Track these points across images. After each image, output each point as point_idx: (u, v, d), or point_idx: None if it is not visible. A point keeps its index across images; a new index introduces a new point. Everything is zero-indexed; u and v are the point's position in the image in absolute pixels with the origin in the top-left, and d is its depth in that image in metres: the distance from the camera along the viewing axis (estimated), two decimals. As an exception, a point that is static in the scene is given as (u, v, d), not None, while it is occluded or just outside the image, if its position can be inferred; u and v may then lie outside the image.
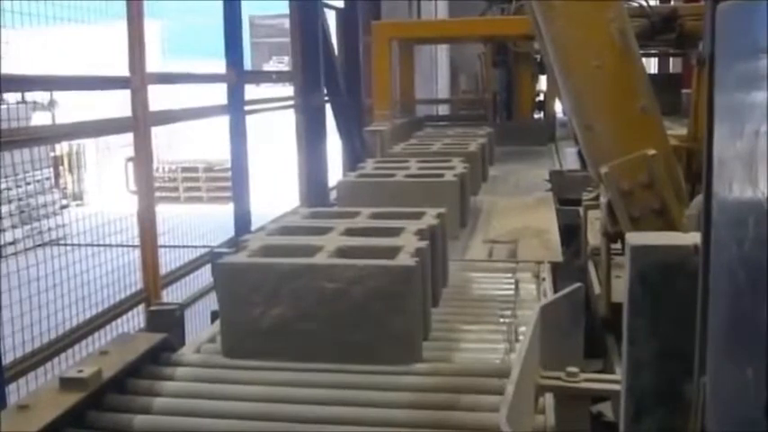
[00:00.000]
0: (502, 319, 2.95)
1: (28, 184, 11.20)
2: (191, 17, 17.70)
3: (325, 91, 7.65)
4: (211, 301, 4.53)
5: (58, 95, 11.91)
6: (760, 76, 0.74)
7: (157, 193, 6.24)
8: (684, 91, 9.09)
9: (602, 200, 3.16)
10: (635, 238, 1.31)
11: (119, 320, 4.59)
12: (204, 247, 6.31)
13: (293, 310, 2.51)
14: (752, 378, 0.76)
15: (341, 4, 9.19)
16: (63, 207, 12.83)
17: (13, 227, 9.73)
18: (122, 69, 4.67)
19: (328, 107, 7.89)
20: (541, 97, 11.79)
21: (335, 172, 7.66)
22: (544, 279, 3.43)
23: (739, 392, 0.81)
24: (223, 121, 6.21)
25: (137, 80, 4.59)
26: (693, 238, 1.20)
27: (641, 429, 1.28)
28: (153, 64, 5.59)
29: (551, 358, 2.23)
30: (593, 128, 3.02)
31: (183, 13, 18.28)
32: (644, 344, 1.27)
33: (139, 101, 4.61)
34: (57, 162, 13.71)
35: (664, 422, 1.27)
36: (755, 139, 0.76)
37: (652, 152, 2.89)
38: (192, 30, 17.59)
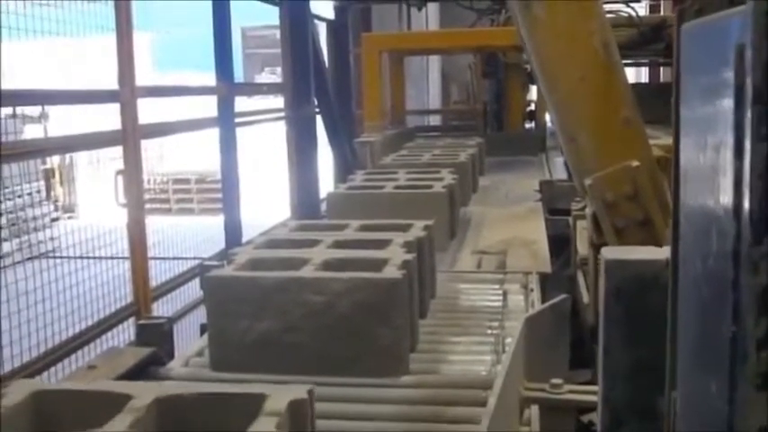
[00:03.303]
0: (489, 331, 2.96)
1: (19, 196, 11.18)
2: (182, 30, 17.72)
3: (316, 102, 7.66)
4: (202, 314, 4.52)
5: (52, 108, 11.89)
6: (719, 93, 0.75)
7: (148, 205, 6.24)
8: (674, 100, 9.13)
9: (588, 211, 3.18)
10: (610, 251, 1.32)
11: (109, 334, 4.58)
12: (195, 259, 6.30)
13: (280, 322, 2.52)
14: (716, 393, 0.77)
15: (331, 16, 9.21)
16: (54, 220, 12.81)
17: (4, 240, 9.71)
18: (112, 83, 4.67)
19: (319, 119, 7.90)
20: (532, 107, 11.82)
21: (326, 183, 7.67)
22: (532, 290, 3.44)
23: (706, 407, 0.82)
24: (216, 133, 6.22)
25: (126, 93, 4.59)
26: (668, 252, 1.21)
27: (618, 441, 1.29)
28: (143, 77, 5.59)
29: (538, 369, 2.25)
30: (576, 140, 3.04)
31: (173, 25, 18.31)
32: (619, 356, 1.28)
33: (129, 114, 4.61)
34: (48, 175, 13.69)
35: (639, 434, 1.28)
36: (716, 153, 0.77)
37: (636, 164, 2.91)
38: (183, 42, 17.60)
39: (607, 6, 6.14)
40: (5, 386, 1.60)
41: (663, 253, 1.27)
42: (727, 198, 0.73)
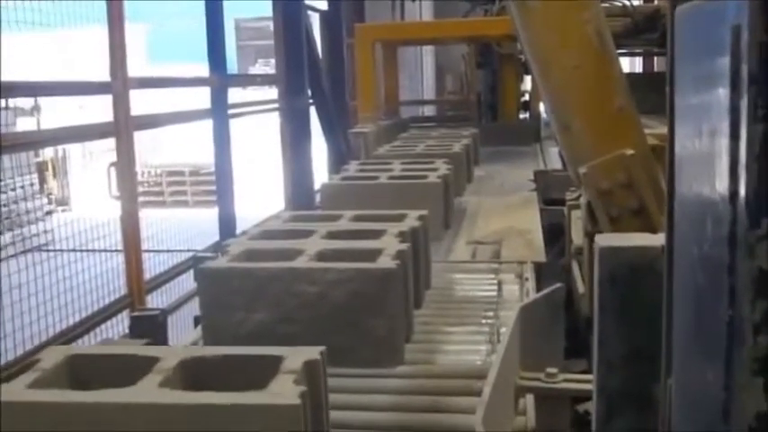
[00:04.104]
0: (484, 321, 2.96)
1: (12, 190, 11.14)
2: (175, 21, 17.67)
3: (310, 93, 7.64)
4: (196, 306, 4.51)
5: (45, 99, 11.85)
6: (715, 76, 0.74)
7: (142, 198, 6.23)
8: (668, 90, 9.11)
9: (583, 200, 3.17)
10: (604, 239, 1.31)
11: (103, 326, 4.57)
12: (189, 251, 6.29)
13: (275, 313, 2.51)
14: (712, 379, 0.76)
15: (324, 7, 9.18)
16: (48, 213, 12.78)
17: (-2, 233, 9.70)
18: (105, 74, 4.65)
19: (313, 110, 7.88)
20: (526, 97, 11.80)
21: (320, 174, 7.65)
22: (527, 279, 3.44)
23: (702, 394, 0.81)
24: (209, 125, 6.20)
25: (118, 85, 4.56)
26: (662, 238, 1.20)
27: (612, 429, 1.29)
28: (137, 68, 5.57)
29: (533, 359, 2.24)
30: (570, 128, 3.03)
31: (167, 17, 18.25)
32: (614, 345, 1.27)
33: (121, 105, 4.58)
34: (41, 168, 13.65)
35: (634, 422, 1.27)
36: (711, 139, 0.76)
37: (630, 152, 2.90)
38: (176, 34, 17.55)
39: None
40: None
41: (657, 240, 1.26)
42: (723, 183, 0.72)
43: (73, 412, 1.50)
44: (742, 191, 0.69)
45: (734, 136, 0.70)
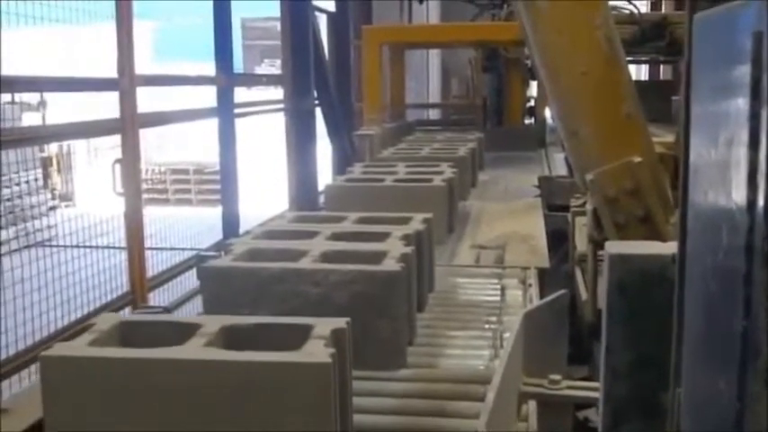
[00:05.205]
0: (487, 325, 2.95)
1: (17, 184, 11.13)
2: (182, 19, 17.68)
3: (316, 94, 7.64)
4: (199, 305, 4.49)
5: (52, 95, 11.82)
6: (733, 84, 0.73)
7: (146, 195, 6.22)
8: (674, 98, 9.10)
9: (588, 207, 3.16)
10: (613, 246, 1.31)
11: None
12: (192, 249, 6.28)
13: (277, 314, 2.49)
14: (725, 390, 0.75)
15: (332, 8, 9.18)
16: (52, 208, 12.76)
17: (1, 228, 9.68)
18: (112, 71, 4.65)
19: (318, 111, 7.87)
20: (532, 103, 11.80)
21: (325, 176, 7.65)
22: (530, 285, 3.43)
23: (713, 404, 0.80)
24: (215, 124, 6.20)
25: (125, 82, 4.56)
26: (673, 246, 1.19)
27: (619, 438, 1.28)
28: (144, 66, 5.56)
29: (535, 365, 2.23)
30: (578, 134, 3.02)
31: (175, 14, 18.26)
32: (622, 352, 1.27)
33: (128, 103, 4.59)
34: (45, 163, 13.64)
35: (641, 431, 1.26)
36: (729, 148, 0.75)
37: (637, 159, 2.89)
38: (183, 32, 17.56)
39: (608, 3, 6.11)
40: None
41: (667, 248, 1.25)
42: (740, 191, 0.72)
43: (129, 366, 1.71)
44: (760, 200, 0.68)
45: (753, 144, 0.69)
